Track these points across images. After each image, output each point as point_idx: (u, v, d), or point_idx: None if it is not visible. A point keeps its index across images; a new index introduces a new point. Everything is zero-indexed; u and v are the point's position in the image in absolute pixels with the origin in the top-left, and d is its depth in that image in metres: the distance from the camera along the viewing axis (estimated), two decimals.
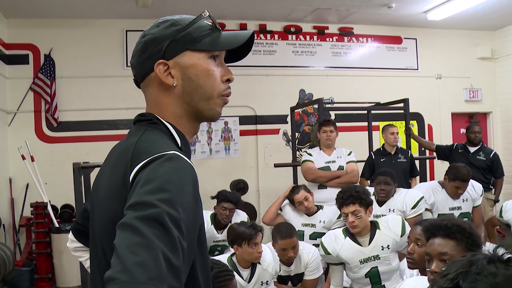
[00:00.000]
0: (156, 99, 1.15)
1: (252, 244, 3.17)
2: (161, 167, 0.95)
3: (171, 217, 0.87)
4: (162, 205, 0.87)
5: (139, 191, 0.91)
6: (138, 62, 1.15)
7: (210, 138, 7.47)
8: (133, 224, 0.85)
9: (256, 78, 7.58)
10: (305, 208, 4.12)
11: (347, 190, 3.29)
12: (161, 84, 1.12)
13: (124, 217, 0.87)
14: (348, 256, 3.28)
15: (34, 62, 6.89)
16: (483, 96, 8.67)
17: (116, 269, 0.79)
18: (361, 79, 7.98)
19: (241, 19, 7.51)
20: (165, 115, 1.13)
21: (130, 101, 6.48)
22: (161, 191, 0.90)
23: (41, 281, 5.94)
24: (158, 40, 1.12)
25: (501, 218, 4.11)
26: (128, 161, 1.03)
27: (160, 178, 0.92)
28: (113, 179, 1.07)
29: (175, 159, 0.98)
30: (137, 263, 0.79)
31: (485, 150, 5.93)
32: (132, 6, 6.42)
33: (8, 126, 6.77)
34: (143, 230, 0.83)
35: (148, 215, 0.85)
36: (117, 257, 0.81)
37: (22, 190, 6.63)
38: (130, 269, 0.78)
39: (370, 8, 7.19)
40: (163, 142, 1.05)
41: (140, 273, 0.78)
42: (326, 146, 4.97)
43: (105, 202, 1.08)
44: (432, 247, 1.95)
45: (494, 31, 8.68)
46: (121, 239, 0.84)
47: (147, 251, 0.81)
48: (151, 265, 0.79)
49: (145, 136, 1.08)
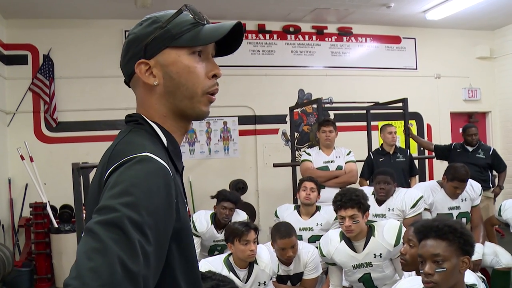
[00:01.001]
0: (142, 99, 1.13)
1: (244, 241, 3.17)
2: (129, 170, 0.92)
3: (132, 221, 0.84)
4: (123, 209, 0.84)
5: (105, 195, 0.89)
6: (123, 62, 1.13)
7: (209, 138, 7.47)
8: (93, 228, 0.82)
9: (255, 78, 7.59)
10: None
11: (346, 193, 3.23)
12: (144, 84, 1.10)
13: (89, 221, 0.85)
14: (341, 260, 3.29)
15: (33, 63, 6.89)
16: (482, 95, 8.68)
17: (71, 275, 0.78)
18: (360, 79, 7.99)
19: (240, 19, 7.41)
20: (151, 115, 1.11)
21: (129, 101, 6.43)
22: (125, 194, 0.87)
23: (41, 282, 5.93)
24: (139, 39, 1.09)
25: (500, 217, 4.12)
26: (105, 164, 1.01)
27: (126, 182, 0.90)
28: (94, 183, 1.06)
29: (146, 161, 0.94)
30: (90, 269, 0.77)
31: (483, 148, 5.93)
32: (131, 7, 6.42)
33: (7, 127, 6.77)
34: (100, 235, 0.81)
35: (108, 220, 0.83)
36: (75, 263, 0.79)
37: (21, 190, 6.63)
38: (83, 275, 0.77)
39: (369, 7, 7.19)
40: (139, 144, 1.01)
41: (93, 279, 0.76)
42: (325, 146, 4.97)
43: (88, 206, 1.08)
44: (425, 249, 1.96)
45: (493, 30, 8.69)
46: (81, 244, 0.82)
47: (101, 257, 0.78)
48: (103, 271, 0.77)
49: (126, 138, 1.06)
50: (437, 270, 1.89)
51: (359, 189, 3.38)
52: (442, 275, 1.89)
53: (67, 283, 0.77)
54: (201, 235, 4.25)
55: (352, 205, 3.13)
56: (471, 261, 1.97)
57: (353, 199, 3.14)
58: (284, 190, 6.73)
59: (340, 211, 3.18)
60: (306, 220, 4.16)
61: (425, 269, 1.93)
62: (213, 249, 4.33)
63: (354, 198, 3.15)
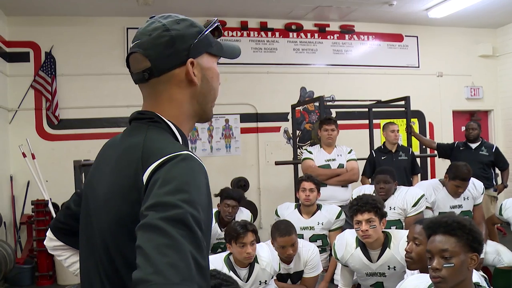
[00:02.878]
0: (171, 96, 1.13)
1: (240, 243, 3.14)
2: (176, 168, 0.96)
3: (194, 218, 0.88)
4: (185, 205, 0.88)
5: (158, 192, 0.91)
6: (161, 55, 1.11)
7: (211, 136, 7.47)
8: (158, 225, 0.85)
9: (257, 76, 7.58)
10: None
11: (362, 197, 3.15)
12: (182, 82, 1.12)
13: (146, 218, 0.87)
14: (355, 266, 3.24)
15: (35, 60, 6.89)
16: (484, 94, 8.66)
17: (147, 271, 0.80)
18: (362, 77, 7.97)
19: (242, 17, 7.50)
20: (172, 113, 1.13)
21: (131, 99, 6.45)
22: (181, 191, 0.91)
23: (42, 279, 5.94)
24: (186, 37, 1.12)
25: (501, 216, 4.11)
26: (137, 161, 1.02)
27: (178, 179, 0.93)
28: (119, 180, 1.05)
29: (189, 159, 0.99)
30: (168, 264, 0.80)
31: (486, 145, 5.96)
32: (133, 4, 6.42)
33: (9, 124, 6.77)
34: (169, 231, 0.84)
35: (173, 216, 0.86)
36: (145, 259, 0.81)
37: (23, 187, 6.63)
38: (163, 270, 0.79)
39: (371, 5, 7.18)
40: (172, 142, 1.06)
41: (174, 275, 0.79)
42: (327, 145, 4.97)
43: (108, 203, 1.06)
44: (433, 244, 1.97)
45: (495, 29, 8.66)
46: (146, 240, 0.84)
47: (176, 253, 0.82)
48: (182, 266, 0.81)
49: (151, 135, 1.07)
50: (445, 265, 1.90)
51: (376, 196, 3.31)
52: (450, 271, 1.90)
53: (145, 278, 0.79)
54: None
55: (368, 208, 3.04)
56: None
57: (369, 203, 3.07)
58: (286, 188, 6.73)
59: (357, 216, 3.08)
60: (307, 219, 4.16)
61: (433, 264, 1.94)
62: (216, 246, 4.33)
63: (371, 202, 3.07)
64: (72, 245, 1.39)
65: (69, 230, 1.36)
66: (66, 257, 1.43)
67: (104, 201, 1.08)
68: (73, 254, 1.41)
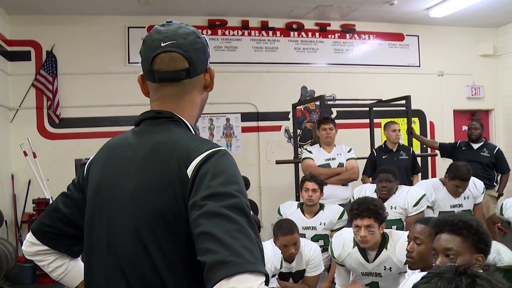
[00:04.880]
0: (193, 99, 1.22)
1: None
2: (221, 162, 1.05)
3: (248, 206, 0.98)
4: (240, 195, 0.98)
5: (211, 183, 0.99)
6: (198, 59, 1.20)
7: (211, 135, 7.47)
8: (223, 212, 0.93)
9: (258, 75, 7.58)
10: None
11: (363, 202, 3.08)
12: (202, 87, 1.23)
13: (206, 207, 0.95)
14: (351, 265, 3.24)
15: (36, 59, 6.89)
16: (485, 93, 8.65)
17: (224, 253, 0.88)
18: (363, 76, 7.97)
19: (243, 16, 7.50)
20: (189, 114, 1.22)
21: (132, 98, 6.47)
22: (234, 183, 1.00)
23: (43, 277, 5.94)
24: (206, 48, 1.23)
25: (502, 216, 4.11)
26: (177, 156, 1.06)
27: (227, 172, 1.02)
28: (153, 176, 1.07)
29: (228, 154, 1.09)
30: (242, 246, 0.89)
31: (488, 146, 5.93)
32: (134, 3, 6.42)
33: (10, 123, 6.78)
34: (235, 217, 0.93)
35: (234, 204, 0.95)
36: (218, 243, 0.89)
37: (24, 186, 6.64)
38: (239, 252, 0.88)
39: (372, 5, 7.18)
40: (203, 138, 1.14)
41: (250, 255, 0.88)
42: (326, 144, 4.98)
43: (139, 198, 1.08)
44: (438, 242, 1.97)
45: (496, 28, 8.66)
46: (213, 226, 0.92)
47: (245, 236, 0.91)
48: (253, 248, 0.90)
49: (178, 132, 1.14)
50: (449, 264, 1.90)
51: (377, 199, 3.25)
52: None
53: (225, 260, 0.87)
54: None
55: (369, 214, 2.99)
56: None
57: (370, 209, 3.00)
58: (287, 187, 6.73)
59: (356, 220, 3.04)
60: (309, 219, 4.15)
61: (437, 262, 1.94)
62: None
63: (372, 208, 3.01)
64: (58, 249, 1.36)
65: (56, 234, 1.33)
66: (49, 262, 1.39)
67: (132, 197, 1.09)
68: (57, 258, 1.38)
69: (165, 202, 1.03)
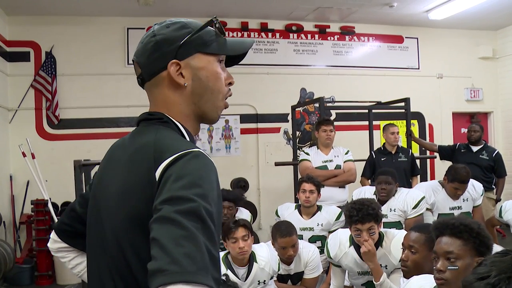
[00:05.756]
0: (165, 98, 1.17)
1: (232, 239, 3.17)
2: (189, 164, 0.99)
3: (207, 211, 0.91)
4: (198, 199, 0.91)
5: (172, 186, 0.94)
6: (148, 61, 1.16)
7: (211, 136, 7.47)
8: (174, 217, 0.88)
9: (257, 77, 7.58)
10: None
11: (362, 208, 3.04)
12: (172, 84, 1.15)
13: (161, 211, 0.91)
14: (348, 265, 3.25)
15: (35, 60, 6.89)
16: (484, 96, 8.66)
17: (164, 261, 0.83)
18: (362, 78, 7.98)
19: (243, 18, 7.51)
20: (174, 114, 1.16)
21: (131, 99, 6.48)
22: (195, 186, 0.94)
23: (42, 279, 5.95)
24: (170, 40, 1.15)
25: (501, 218, 4.10)
26: (150, 159, 1.04)
27: (192, 174, 0.96)
28: (133, 178, 1.07)
29: (201, 156, 1.02)
30: (184, 254, 0.83)
31: (488, 149, 5.93)
32: (134, 4, 6.43)
33: (9, 124, 6.78)
34: (185, 223, 0.87)
35: (188, 209, 0.89)
36: (162, 249, 0.84)
37: (23, 187, 6.63)
38: (179, 260, 0.82)
39: (372, 7, 7.18)
40: (183, 140, 1.09)
41: (190, 264, 0.82)
42: (325, 146, 4.98)
43: (122, 201, 1.08)
44: (439, 246, 1.95)
45: (495, 30, 8.67)
46: (162, 232, 0.87)
47: (192, 243, 0.85)
48: (197, 257, 0.84)
49: (162, 134, 1.10)
50: (449, 268, 1.88)
51: (373, 201, 3.22)
52: (453, 273, 1.88)
53: (161, 268, 0.82)
54: None
55: (369, 219, 3.03)
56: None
57: (370, 214, 3.02)
58: (286, 189, 6.73)
59: (357, 225, 3.05)
60: (307, 220, 4.15)
61: (437, 265, 1.92)
62: None
63: (371, 213, 3.03)
64: (76, 247, 1.41)
65: (74, 232, 1.38)
66: (70, 259, 1.44)
67: (117, 199, 1.10)
68: (77, 255, 1.43)
69: (139, 205, 1.02)
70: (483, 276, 1.13)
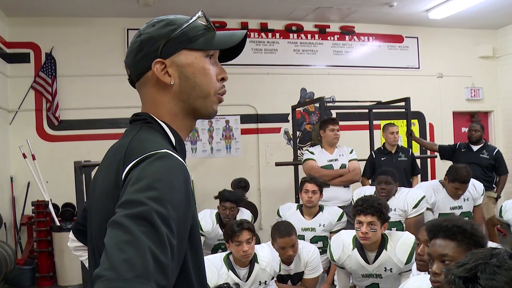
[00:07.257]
0: (152, 98, 1.15)
1: (236, 242, 3.16)
2: (151, 166, 0.96)
3: (160, 215, 0.87)
4: (150, 203, 0.87)
5: (129, 189, 0.92)
6: (134, 61, 1.16)
7: (211, 137, 7.47)
8: (122, 222, 0.85)
9: (257, 77, 7.58)
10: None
11: (368, 199, 3.11)
12: (158, 83, 1.13)
13: (114, 215, 0.88)
14: (352, 268, 3.24)
15: (36, 61, 6.89)
16: (485, 95, 8.66)
17: (103, 267, 0.79)
18: (362, 78, 7.98)
19: (243, 18, 7.51)
20: (161, 114, 1.14)
21: (132, 100, 6.41)
22: (150, 189, 0.90)
23: (43, 280, 5.95)
24: (154, 39, 1.13)
25: (501, 218, 4.11)
26: (120, 160, 1.04)
27: (150, 177, 0.93)
28: (107, 179, 1.07)
29: (166, 157, 0.98)
30: (123, 260, 0.79)
31: (488, 148, 5.94)
32: (134, 5, 6.43)
33: (9, 125, 6.78)
34: (131, 227, 0.84)
35: (136, 213, 0.86)
36: (105, 255, 0.81)
37: (23, 188, 6.63)
38: (116, 266, 0.78)
39: (372, 6, 7.18)
40: (156, 141, 1.05)
41: (127, 270, 0.78)
42: (332, 145, 4.99)
43: (99, 202, 1.09)
44: (433, 248, 1.94)
45: (496, 30, 8.66)
46: (109, 237, 0.85)
47: (134, 249, 0.81)
48: (137, 263, 0.79)
49: (138, 135, 1.09)
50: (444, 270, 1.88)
51: (383, 199, 3.26)
52: None
53: (100, 274, 0.79)
54: (206, 234, 4.25)
55: (372, 212, 3.02)
56: None
57: (374, 206, 3.04)
58: (286, 189, 6.73)
59: (359, 216, 3.07)
60: (309, 220, 4.15)
61: (433, 268, 1.91)
62: (217, 247, 4.33)
63: (376, 206, 3.04)
64: None
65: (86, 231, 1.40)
66: (86, 258, 1.47)
67: (97, 202, 1.11)
68: None
69: (110, 207, 1.00)
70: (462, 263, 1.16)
